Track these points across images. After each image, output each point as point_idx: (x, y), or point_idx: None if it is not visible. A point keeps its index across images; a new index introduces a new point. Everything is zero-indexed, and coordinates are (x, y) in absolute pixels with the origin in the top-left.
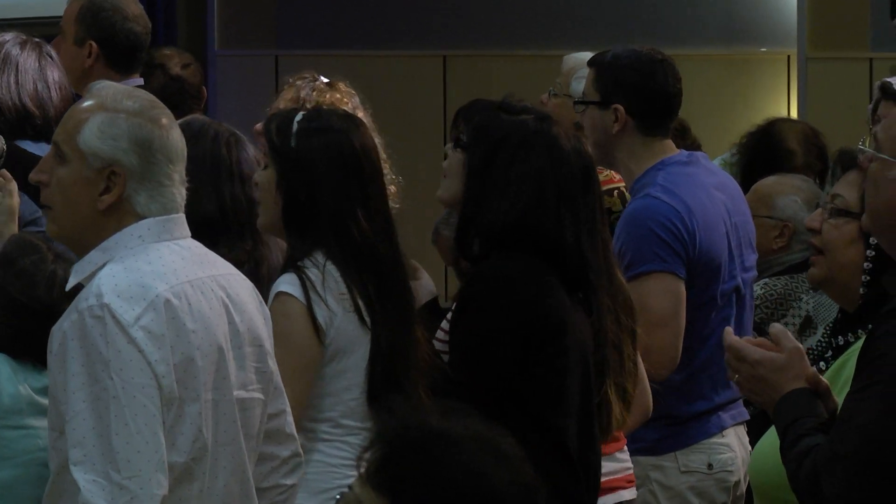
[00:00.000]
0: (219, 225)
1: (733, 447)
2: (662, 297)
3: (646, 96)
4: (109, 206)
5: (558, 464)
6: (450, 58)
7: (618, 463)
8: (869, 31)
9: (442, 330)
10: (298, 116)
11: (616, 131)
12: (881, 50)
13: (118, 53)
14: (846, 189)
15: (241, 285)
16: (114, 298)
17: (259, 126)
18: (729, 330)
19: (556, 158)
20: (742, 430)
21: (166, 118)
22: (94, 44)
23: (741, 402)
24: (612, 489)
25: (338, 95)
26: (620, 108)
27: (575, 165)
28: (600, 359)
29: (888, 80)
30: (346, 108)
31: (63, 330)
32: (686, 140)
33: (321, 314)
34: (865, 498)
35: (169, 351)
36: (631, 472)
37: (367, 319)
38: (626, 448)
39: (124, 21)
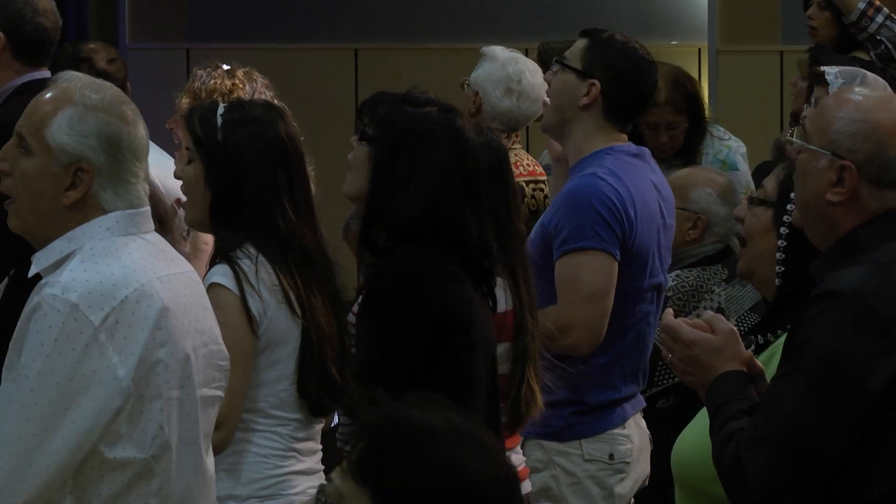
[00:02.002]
0: None
1: (633, 439)
2: (596, 274)
3: (624, 85)
4: (75, 202)
5: None
6: (361, 51)
7: (519, 456)
8: (779, 24)
9: (349, 323)
10: (221, 109)
11: (583, 104)
12: (792, 43)
13: (25, 46)
14: (769, 179)
15: (197, 282)
16: (80, 297)
17: (172, 121)
18: (670, 311)
19: (461, 149)
20: (639, 417)
21: (132, 112)
22: (1, 34)
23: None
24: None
25: (235, 82)
26: (597, 84)
27: (481, 156)
28: (522, 347)
29: (822, 67)
30: (242, 94)
31: (26, 315)
32: None
33: (254, 305)
34: (787, 480)
35: (133, 349)
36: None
37: (298, 310)
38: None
39: (34, 14)
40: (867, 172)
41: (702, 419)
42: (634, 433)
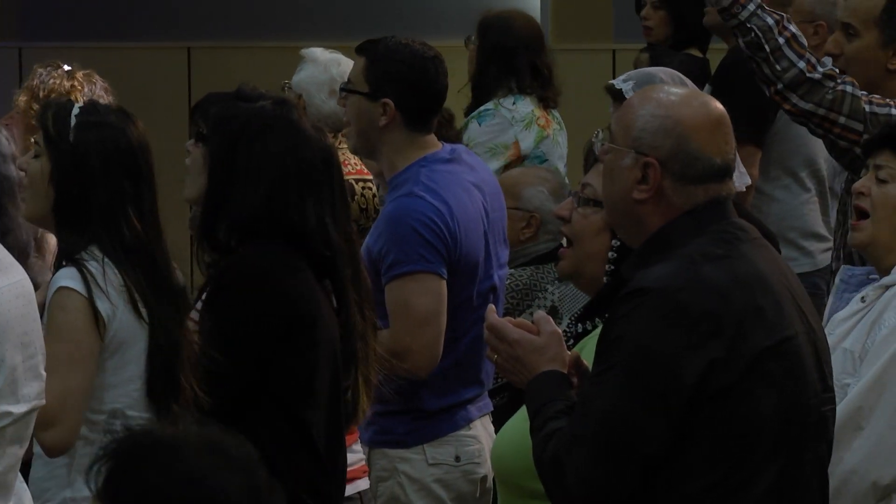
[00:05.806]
0: None
1: (480, 439)
2: (425, 297)
3: (416, 93)
4: None
5: (307, 457)
6: (194, 49)
7: (355, 454)
8: (612, 23)
9: (191, 320)
10: (76, 109)
11: (383, 125)
12: (624, 41)
13: None
14: (595, 178)
15: (29, 291)
16: None
17: (8, 117)
18: (492, 308)
19: (297, 142)
20: (487, 421)
21: None
22: None
23: (486, 394)
24: (352, 480)
25: (74, 84)
26: (390, 102)
27: (316, 150)
28: (349, 350)
29: (611, 81)
30: (79, 96)
31: None
32: (450, 131)
33: (104, 307)
34: (605, 478)
35: None
36: (364, 462)
37: (144, 313)
38: (358, 440)
39: None
40: (671, 168)
41: (519, 416)
42: (482, 434)
